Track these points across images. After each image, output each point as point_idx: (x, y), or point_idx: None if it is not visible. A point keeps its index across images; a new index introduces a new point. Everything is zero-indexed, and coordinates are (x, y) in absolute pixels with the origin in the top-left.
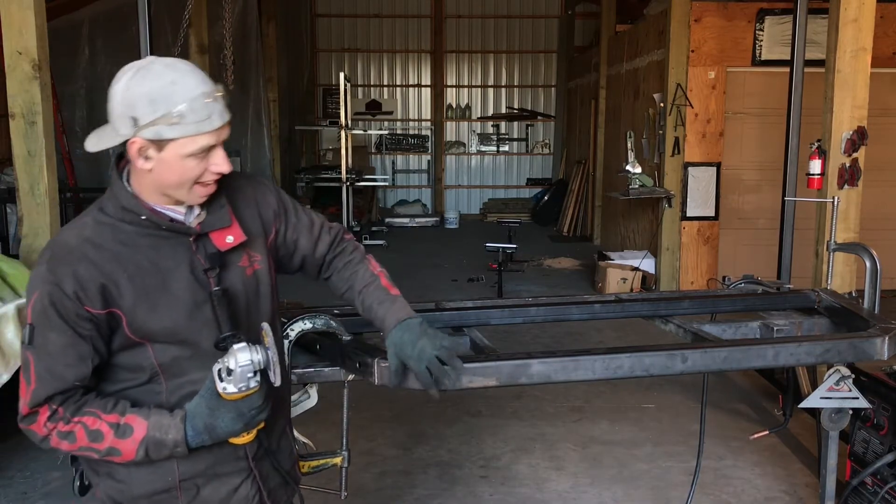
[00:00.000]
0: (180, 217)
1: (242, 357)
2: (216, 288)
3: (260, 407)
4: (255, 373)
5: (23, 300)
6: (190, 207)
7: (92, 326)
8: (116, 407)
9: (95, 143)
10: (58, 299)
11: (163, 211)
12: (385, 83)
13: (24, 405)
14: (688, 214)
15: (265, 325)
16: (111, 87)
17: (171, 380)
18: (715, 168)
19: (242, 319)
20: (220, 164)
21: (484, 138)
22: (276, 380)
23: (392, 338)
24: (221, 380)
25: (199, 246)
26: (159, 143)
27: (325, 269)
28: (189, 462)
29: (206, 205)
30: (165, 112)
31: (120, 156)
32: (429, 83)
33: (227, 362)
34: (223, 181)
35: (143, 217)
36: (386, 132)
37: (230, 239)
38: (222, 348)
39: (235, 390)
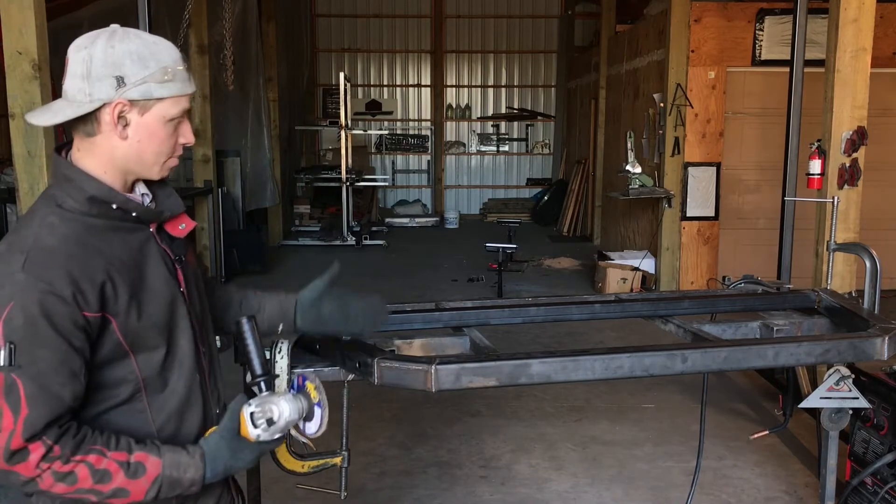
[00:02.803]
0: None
1: (290, 410)
2: (244, 317)
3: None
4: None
5: None
6: (141, 195)
7: (84, 337)
8: (121, 443)
9: (50, 116)
10: (51, 307)
11: (126, 196)
12: (385, 83)
13: (15, 438)
14: (688, 214)
15: (315, 379)
16: (77, 53)
17: (153, 395)
18: (715, 168)
19: (200, 319)
20: (189, 135)
21: (484, 138)
22: (321, 428)
23: (303, 296)
24: (256, 426)
25: (160, 236)
26: (144, 105)
27: None
28: None
29: (155, 193)
30: (157, 69)
31: (58, 148)
32: (429, 83)
33: (268, 411)
34: None
35: (115, 206)
36: (386, 132)
37: (183, 226)
38: (255, 389)
39: (269, 439)
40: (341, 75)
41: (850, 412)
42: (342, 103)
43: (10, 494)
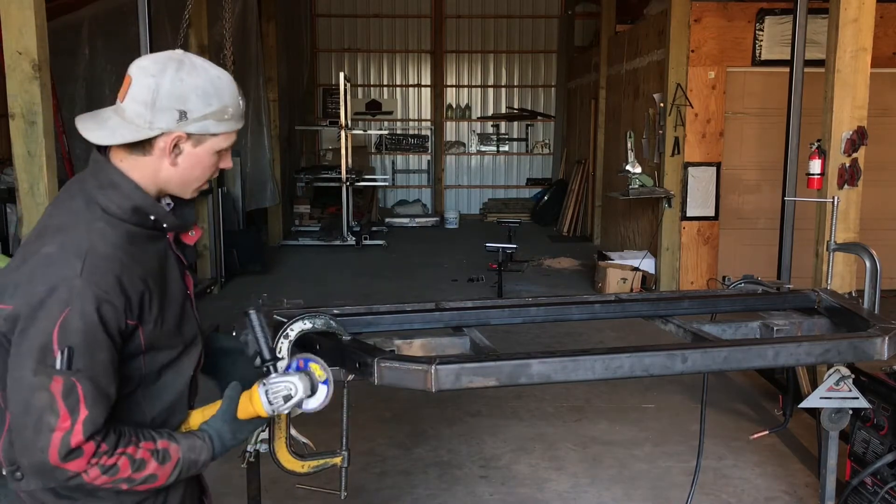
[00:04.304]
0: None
1: (303, 387)
2: (252, 309)
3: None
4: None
5: None
6: (166, 205)
7: (121, 340)
8: (144, 434)
9: (108, 135)
10: (106, 314)
11: (159, 207)
12: (385, 83)
13: (75, 437)
14: (688, 214)
15: (319, 360)
16: (144, 78)
17: (147, 388)
18: (715, 168)
19: (196, 322)
20: (229, 161)
21: (484, 138)
22: (325, 402)
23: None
24: (271, 403)
25: (174, 243)
26: (200, 139)
27: None
28: None
29: (175, 203)
30: (219, 106)
31: (98, 149)
32: (429, 83)
33: (284, 389)
34: None
35: (153, 217)
36: (386, 132)
37: (193, 233)
38: (266, 370)
39: (280, 412)
40: (341, 75)
41: (850, 412)
42: (342, 103)
43: (10, 495)
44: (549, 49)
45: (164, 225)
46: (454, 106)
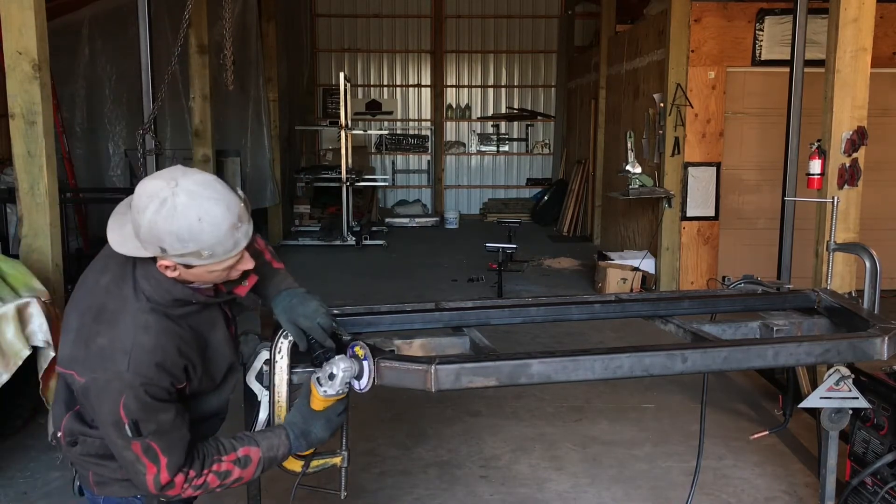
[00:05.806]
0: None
1: (345, 365)
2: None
3: (343, 412)
4: (350, 380)
5: (23, 300)
6: None
7: (178, 397)
8: (225, 446)
9: (120, 243)
10: (154, 392)
11: (202, 288)
12: (385, 83)
13: (163, 476)
14: (688, 214)
15: (361, 344)
16: (136, 211)
17: (188, 402)
18: (715, 168)
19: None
20: (248, 263)
21: (484, 138)
22: (371, 382)
23: (280, 303)
24: (321, 384)
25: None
26: (187, 265)
27: None
28: None
29: None
30: (195, 249)
31: None
32: (429, 83)
33: (327, 369)
34: None
35: (195, 302)
36: (386, 132)
37: (245, 283)
38: (318, 362)
39: (334, 393)
40: (341, 75)
41: (850, 412)
42: (342, 103)
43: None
44: (549, 49)
45: (210, 304)
46: (454, 106)
